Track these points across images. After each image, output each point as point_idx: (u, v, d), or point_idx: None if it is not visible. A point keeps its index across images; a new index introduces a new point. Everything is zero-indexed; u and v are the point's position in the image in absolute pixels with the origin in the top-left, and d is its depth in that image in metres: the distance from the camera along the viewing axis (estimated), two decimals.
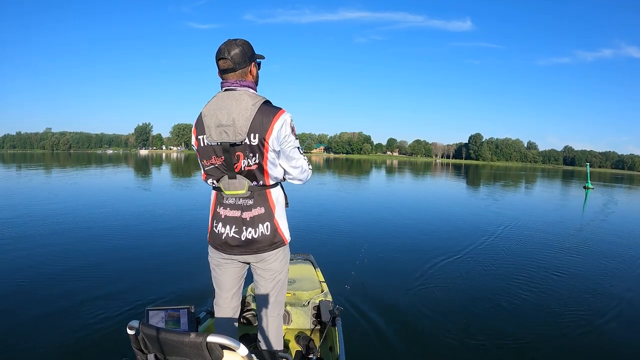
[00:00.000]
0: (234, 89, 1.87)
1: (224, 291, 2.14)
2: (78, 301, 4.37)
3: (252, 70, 1.94)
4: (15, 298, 4.44)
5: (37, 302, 4.31)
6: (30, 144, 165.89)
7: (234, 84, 1.88)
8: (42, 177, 22.90)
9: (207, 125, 1.84)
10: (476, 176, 42.58)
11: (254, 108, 1.80)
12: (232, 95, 1.84)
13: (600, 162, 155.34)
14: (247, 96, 1.83)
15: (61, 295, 4.55)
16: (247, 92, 1.87)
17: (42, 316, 3.96)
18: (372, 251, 6.81)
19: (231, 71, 1.87)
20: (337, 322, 2.78)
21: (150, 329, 1.36)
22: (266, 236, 1.94)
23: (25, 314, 4.01)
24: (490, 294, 5.18)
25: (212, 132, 1.83)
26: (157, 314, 1.68)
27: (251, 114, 1.79)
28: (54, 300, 4.38)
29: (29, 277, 5.12)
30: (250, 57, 1.91)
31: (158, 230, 8.38)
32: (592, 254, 7.69)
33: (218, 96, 1.89)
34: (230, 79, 1.88)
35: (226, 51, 1.84)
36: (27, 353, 3.31)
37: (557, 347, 3.80)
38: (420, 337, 3.89)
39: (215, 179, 1.95)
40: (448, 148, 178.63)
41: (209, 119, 1.83)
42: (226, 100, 1.83)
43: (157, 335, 1.34)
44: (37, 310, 4.10)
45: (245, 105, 1.80)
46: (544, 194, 24.14)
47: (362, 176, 33.44)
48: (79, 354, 3.33)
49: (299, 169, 1.98)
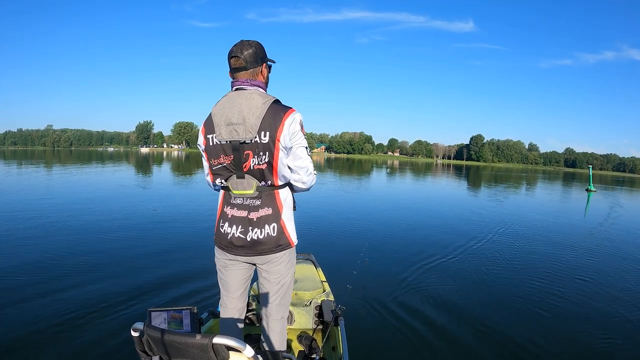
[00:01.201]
0: (244, 88, 1.88)
1: (230, 292, 2.12)
2: (79, 300, 4.34)
3: (263, 72, 1.96)
4: (14, 296, 4.41)
5: (36, 302, 4.28)
6: (32, 141, 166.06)
7: (245, 82, 1.89)
8: (43, 174, 22.92)
9: (216, 124, 1.84)
10: (477, 177, 42.57)
11: (264, 106, 1.80)
12: (243, 95, 1.85)
13: (601, 164, 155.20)
14: (257, 95, 1.84)
15: (61, 293, 4.53)
16: (258, 91, 1.88)
17: (41, 317, 3.91)
18: (373, 251, 6.79)
19: (242, 70, 1.88)
20: (339, 321, 2.77)
21: (155, 331, 1.35)
22: (272, 237, 1.92)
23: (25, 315, 3.96)
24: (492, 295, 5.16)
25: (222, 131, 1.83)
26: (160, 315, 1.67)
27: (262, 112, 1.79)
28: (53, 300, 4.36)
29: (29, 275, 5.10)
30: (262, 58, 1.93)
31: (159, 229, 8.37)
32: (613, 259, 7.63)
33: (228, 95, 1.89)
34: (241, 77, 1.90)
35: (239, 50, 1.87)
36: (28, 357, 3.27)
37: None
38: (423, 336, 3.87)
39: (223, 179, 1.94)
40: (449, 149, 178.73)
41: (219, 117, 1.84)
42: (236, 99, 1.84)
43: (162, 337, 1.33)
44: (35, 311, 4.06)
45: (255, 104, 1.81)
46: (547, 196, 24.08)
47: (363, 176, 33.45)
48: (81, 357, 3.29)
49: (305, 169, 1.95)
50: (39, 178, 20.14)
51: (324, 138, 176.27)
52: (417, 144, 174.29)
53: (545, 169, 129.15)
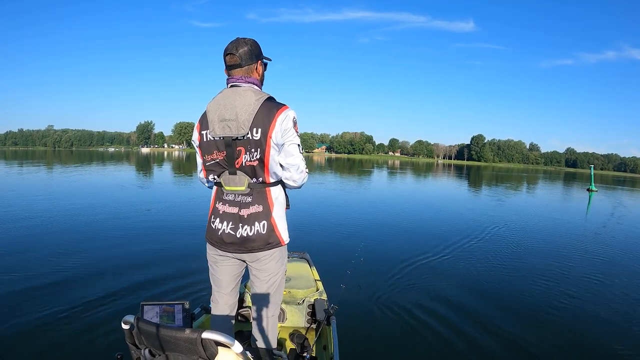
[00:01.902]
0: (239, 85, 1.90)
1: (220, 288, 2.13)
2: (71, 293, 4.39)
3: (259, 69, 1.98)
4: (8, 290, 4.44)
5: (29, 296, 4.31)
6: (32, 141, 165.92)
7: (239, 79, 1.90)
8: (43, 174, 22.96)
9: (210, 120, 1.87)
10: (478, 177, 42.52)
11: (257, 103, 1.82)
12: (237, 91, 1.87)
13: (602, 164, 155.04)
14: (251, 92, 1.86)
15: (55, 287, 4.57)
16: (252, 88, 1.89)
17: (33, 311, 3.94)
18: (368, 251, 6.79)
19: (237, 67, 1.90)
20: (331, 321, 2.78)
21: (146, 324, 1.36)
22: (261, 235, 1.92)
23: (17, 308, 4.00)
24: (489, 295, 5.16)
25: (215, 127, 1.85)
26: (152, 309, 1.68)
27: (254, 108, 1.81)
28: (47, 294, 4.39)
29: (23, 269, 5.12)
30: (257, 56, 1.95)
31: (155, 226, 8.38)
32: (622, 258, 7.62)
33: (223, 92, 1.91)
34: (236, 74, 1.92)
35: (234, 48, 1.89)
36: (19, 348, 3.30)
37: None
38: (414, 338, 3.88)
39: (216, 175, 1.96)
40: (450, 149, 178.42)
41: (213, 114, 1.87)
42: (230, 96, 1.86)
43: (152, 331, 1.33)
44: (28, 304, 4.10)
45: (248, 100, 1.82)
46: (548, 195, 24.10)
47: (362, 176, 33.42)
48: (72, 348, 3.32)
49: (296, 167, 1.93)
50: (40, 177, 20.18)
51: (325, 138, 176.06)
52: (418, 144, 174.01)
53: (546, 169, 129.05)
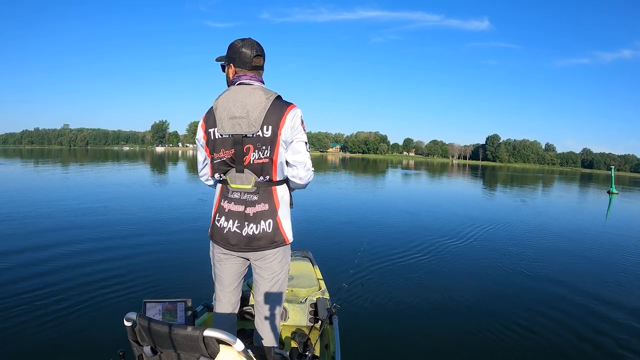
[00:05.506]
0: (250, 83, 1.93)
1: (223, 286, 2.13)
2: (75, 290, 4.45)
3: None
4: (9, 287, 4.50)
5: (32, 293, 4.35)
6: (48, 140, 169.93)
7: (252, 78, 1.94)
8: (59, 172, 23.51)
9: (219, 118, 1.87)
10: (493, 178, 42.03)
11: (267, 101, 1.85)
12: (246, 89, 1.89)
13: (619, 165, 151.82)
14: (261, 90, 1.89)
15: (58, 285, 4.63)
16: (262, 86, 1.94)
17: (37, 307, 4.00)
18: (371, 250, 6.74)
19: (260, 69, 1.98)
20: (333, 320, 2.80)
21: (148, 322, 1.36)
22: (267, 233, 1.93)
23: (20, 305, 4.04)
24: (496, 298, 5.10)
25: (225, 124, 1.86)
26: (155, 306, 1.68)
27: (265, 106, 1.84)
28: (50, 290, 4.45)
29: (26, 266, 5.23)
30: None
31: (159, 224, 8.49)
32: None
33: (231, 90, 1.92)
34: (250, 73, 1.95)
35: (262, 49, 1.96)
36: (21, 344, 3.33)
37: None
38: (416, 337, 3.88)
39: (222, 173, 1.97)
40: (465, 149, 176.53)
41: (222, 111, 1.87)
42: (240, 93, 1.87)
43: (154, 328, 1.34)
44: (32, 301, 4.14)
45: (259, 99, 1.85)
46: (565, 198, 23.63)
47: (376, 176, 33.37)
48: (74, 344, 3.36)
49: (303, 164, 1.96)
50: (57, 176, 20.60)
51: (339, 138, 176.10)
52: (433, 144, 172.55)
53: (562, 170, 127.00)
